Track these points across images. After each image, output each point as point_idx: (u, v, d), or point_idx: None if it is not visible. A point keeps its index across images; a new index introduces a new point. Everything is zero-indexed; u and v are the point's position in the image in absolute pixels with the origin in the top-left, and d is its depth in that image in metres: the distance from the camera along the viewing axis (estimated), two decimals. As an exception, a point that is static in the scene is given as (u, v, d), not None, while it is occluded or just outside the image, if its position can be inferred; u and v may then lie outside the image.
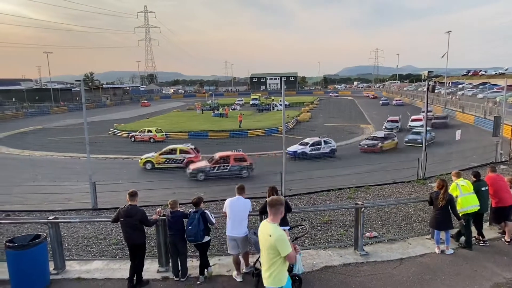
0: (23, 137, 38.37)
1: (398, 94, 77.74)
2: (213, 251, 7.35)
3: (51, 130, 43.12)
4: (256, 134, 36.12)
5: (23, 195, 14.70)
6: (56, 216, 7.08)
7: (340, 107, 66.31)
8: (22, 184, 17.96)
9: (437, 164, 16.23)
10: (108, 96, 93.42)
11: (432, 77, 14.31)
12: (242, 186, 6.28)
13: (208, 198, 10.90)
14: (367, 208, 8.24)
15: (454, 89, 65.46)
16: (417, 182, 13.26)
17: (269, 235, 3.76)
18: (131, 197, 6.01)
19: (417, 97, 61.83)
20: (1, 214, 10.12)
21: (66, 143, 32.99)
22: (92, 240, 8.51)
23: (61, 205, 12.35)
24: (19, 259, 5.83)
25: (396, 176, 14.33)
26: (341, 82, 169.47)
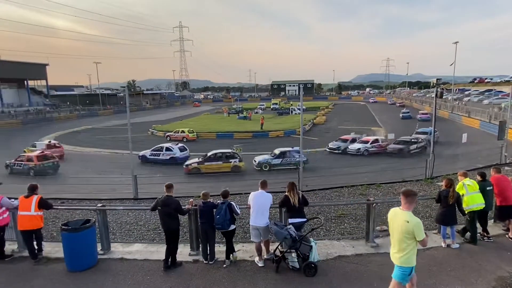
0: (76, 135, 39.89)
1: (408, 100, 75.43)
2: (238, 238, 7.37)
3: (99, 130, 44.58)
4: (276, 135, 36.05)
5: (75, 185, 15.26)
6: (103, 204, 7.29)
7: (353, 111, 65.08)
8: (75, 175, 18.68)
9: (444, 164, 15.69)
10: (147, 100, 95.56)
11: (440, 84, 13.79)
12: (265, 181, 6.28)
13: (233, 191, 10.96)
14: (378, 204, 8.05)
15: (461, 95, 62.94)
16: (425, 181, 12.84)
17: (406, 221, 4.00)
18: (168, 189, 6.12)
19: (426, 102, 59.86)
20: (57, 201, 10.52)
21: (111, 141, 34.02)
22: (133, 225, 8.73)
23: (107, 195, 12.73)
24: (72, 240, 6.05)
25: (405, 175, 13.93)
26: (354, 89, 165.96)
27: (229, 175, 18.84)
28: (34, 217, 6.35)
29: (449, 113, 44.66)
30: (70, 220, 6.85)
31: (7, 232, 6.83)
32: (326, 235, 7.71)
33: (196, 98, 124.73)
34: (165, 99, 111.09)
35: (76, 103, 75.53)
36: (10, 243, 6.99)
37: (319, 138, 34.18)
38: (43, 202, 6.47)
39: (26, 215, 6.32)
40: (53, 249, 6.93)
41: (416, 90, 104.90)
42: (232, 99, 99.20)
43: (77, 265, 6.08)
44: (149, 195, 11.46)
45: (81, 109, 68.85)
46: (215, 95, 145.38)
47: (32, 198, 6.39)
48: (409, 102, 71.96)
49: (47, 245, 7.02)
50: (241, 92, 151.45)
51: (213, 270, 6.00)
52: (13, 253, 6.83)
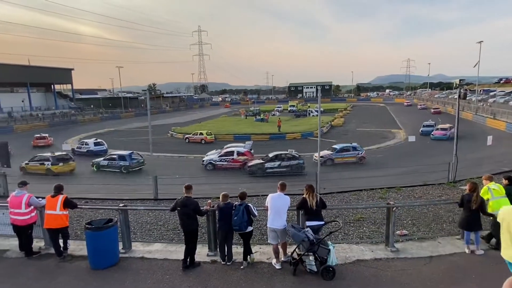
0: (99, 137, 41.02)
1: (429, 101, 73.25)
2: (255, 240, 7.37)
3: (121, 132, 45.75)
4: (293, 137, 35.80)
5: (98, 186, 15.71)
6: (125, 204, 7.47)
7: (372, 113, 63.85)
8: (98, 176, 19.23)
9: (467, 168, 15.12)
10: (167, 103, 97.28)
11: (464, 84, 13.34)
12: (284, 183, 6.24)
13: (251, 193, 10.98)
14: (398, 207, 7.86)
15: (486, 96, 60.52)
16: (448, 184, 12.43)
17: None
18: (187, 190, 6.20)
19: (448, 104, 57.95)
20: (81, 201, 10.85)
21: (133, 143, 34.82)
22: (153, 225, 8.89)
23: (128, 195, 13.03)
24: (95, 239, 6.21)
25: (427, 179, 13.51)
26: (374, 90, 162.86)
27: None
28: (59, 216, 6.57)
29: (473, 115, 43.03)
30: (93, 219, 7.05)
31: (35, 230, 7.11)
32: (345, 238, 7.59)
33: (214, 101, 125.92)
34: (184, 101, 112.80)
35: (100, 106, 77.84)
36: (37, 241, 7.26)
37: (337, 140, 33.71)
38: (68, 202, 6.68)
39: (52, 214, 6.56)
40: (77, 247, 7.15)
41: (438, 91, 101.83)
42: (250, 101, 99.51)
43: (100, 263, 6.25)
44: (169, 195, 11.65)
45: (104, 112, 70.85)
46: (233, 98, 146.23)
47: (58, 197, 6.61)
48: (431, 103, 69.85)
49: (72, 243, 7.25)
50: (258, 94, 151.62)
51: (231, 271, 6.02)
52: (40, 250, 7.10)
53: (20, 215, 6.74)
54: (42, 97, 70.68)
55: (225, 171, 20.62)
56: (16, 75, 61.36)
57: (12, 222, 6.84)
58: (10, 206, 6.79)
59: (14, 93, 63.95)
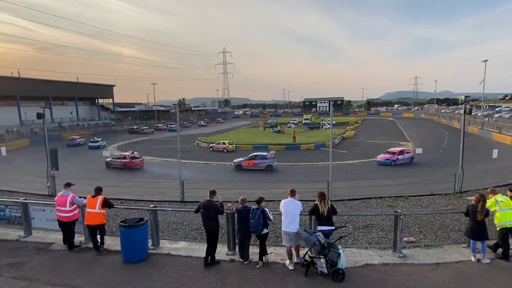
0: (135, 145, 42.26)
1: (436, 116, 70.86)
2: (270, 242, 7.29)
3: (154, 141, 46.90)
4: (307, 148, 35.50)
5: (132, 188, 16.07)
6: (154, 205, 7.61)
7: (382, 126, 62.41)
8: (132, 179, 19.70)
9: (473, 179, 14.42)
10: (194, 116, 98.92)
11: (469, 101, 12.87)
12: (293, 189, 6.17)
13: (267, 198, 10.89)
14: (406, 215, 7.58)
15: (491, 111, 57.89)
16: (454, 195, 11.89)
17: None
18: (211, 194, 6.22)
19: (454, 118, 55.82)
20: (117, 202, 11.13)
21: (164, 150, 35.59)
22: (179, 225, 8.97)
23: (158, 197, 13.25)
24: (128, 235, 6.34)
25: (434, 189, 12.98)
26: (383, 105, 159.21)
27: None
28: (97, 214, 6.77)
29: (479, 129, 41.20)
30: (127, 218, 7.20)
31: (76, 226, 7.34)
32: (354, 243, 7.37)
33: (236, 114, 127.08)
34: (209, 114, 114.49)
35: (136, 118, 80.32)
36: (78, 235, 7.50)
37: (348, 151, 33.13)
38: (106, 202, 6.88)
39: (92, 212, 6.76)
40: (112, 242, 7.31)
41: (445, 107, 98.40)
42: (268, 114, 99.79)
43: (131, 257, 6.35)
44: (194, 198, 11.75)
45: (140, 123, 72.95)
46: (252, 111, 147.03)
47: (97, 198, 6.82)
48: (437, 118, 67.56)
49: (108, 239, 7.42)
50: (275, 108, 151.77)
51: (247, 270, 5.96)
52: (80, 244, 7.31)
53: (65, 213, 6.99)
54: (87, 110, 73.87)
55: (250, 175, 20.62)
56: (66, 91, 65.01)
57: (58, 219, 7.11)
58: (57, 204, 7.06)
59: (64, 106, 67.06)
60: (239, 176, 21.84)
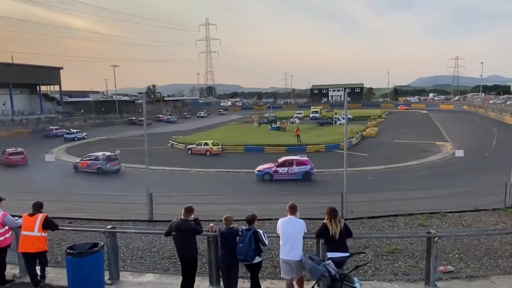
0: (89, 147, 41.92)
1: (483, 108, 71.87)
2: (266, 273, 7.27)
3: (114, 141, 46.56)
4: (315, 150, 35.40)
5: (85, 203, 15.94)
6: (113, 225, 7.53)
7: (413, 121, 63.05)
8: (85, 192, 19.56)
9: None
10: (168, 108, 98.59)
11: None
12: (293, 205, 6.13)
13: (262, 216, 10.92)
14: (442, 238, 7.63)
15: (553, 102, 58.95)
16: (504, 210, 12.04)
17: None
18: (186, 212, 6.13)
19: (506, 111, 56.68)
20: (64, 221, 11.00)
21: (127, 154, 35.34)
22: (146, 252, 8.91)
23: (119, 215, 13.14)
24: (77, 266, 6.20)
25: (478, 203, 13.14)
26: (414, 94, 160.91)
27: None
28: (37, 238, 6.67)
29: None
30: (76, 243, 7.11)
31: (8, 254, 7.22)
32: (375, 274, 7.40)
33: (223, 105, 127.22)
34: (188, 106, 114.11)
35: (91, 111, 79.68)
36: (11, 267, 7.36)
37: (369, 154, 33.37)
38: (48, 222, 6.77)
39: (29, 236, 6.65)
40: (57, 275, 7.20)
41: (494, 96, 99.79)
42: (264, 106, 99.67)
43: (82, 295, 6.27)
44: (166, 216, 11.65)
45: (96, 118, 72.43)
46: (244, 102, 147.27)
47: (36, 216, 6.70)
48: (484, 111, 68.50)
49: (51, 271, 7.30)
50: (274, 98, 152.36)
51: (235, 311, 5.95)
52: (14, 278, 7.18)
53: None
54: (26, 100, 73.07)
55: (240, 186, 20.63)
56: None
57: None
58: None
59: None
60: (225, 187, 21.81)
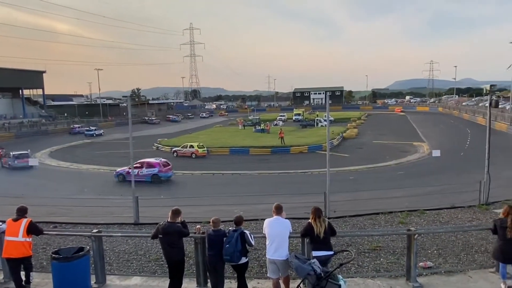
0: (73, 150, 41.11)
1: (456, 110, 73.78)
2: (252, 273, 7.25)
3: (98, 144, 45.79)
4: (299, 151, 35.84)
5: (69, 207, 15.58)
6: (99, 229, 7.39)
7: (391, 123, 64.15)
8: (69, 196, 19.12)
9: (502, 188, 15.05)
10: (153, 111, 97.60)
11: (495, 91, 13.41)
12: (279, 205, 6.14)
13: (248, 217, 10.89)
14: (421, 234, 7.76)
15: (522, 104, 60.84)
16: (479, 207, 12.34)
17: None
18: (173, 215, 6.08)
19: (479, 113, 58.29)
20: (49, 226, 10.73)
21: (112, 157, 34.81)
22: (132, 255, 8.77)
23: (104, 219, 12.91)
24: (63, 271, 6.09)
25: (455, 200, 13.44)
26: (392, 97, 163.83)
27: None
28: (21, 243, 6.48)
29: (508, 126, 43.25)
30: (62, 247, 6.95)
31: (-8, 260, 7.00)
32: (358, 271, 7.47)
33: (207, 108, 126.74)
34: (172, 109, 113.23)
35: (75, 114, 78.17)
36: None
37: (350, 155, 33.78)
38: (33, 227, 6.60)
39: (13, 241, 6.45)
40: (42, 280, 7.03)
41: (467, 98, 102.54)
42: (248, 109, 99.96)
43: (68, 300, 6.13)
44: (152, 219, 11.52)
45: (80, 121, 71.09)
46: (229, 105, 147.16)
47: (21, 221, 6.53)
48: (458, 112, 70.33)
49: (36, 276, 7.12)
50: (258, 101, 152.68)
51: (223, 311, 5.90)
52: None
53: (-26, 243, 6.65)
54: (8, 104, 71.13)
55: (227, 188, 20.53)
56: (-22, 78, 62.13)
57: (-35, 251, 6.75)
58: (-37, 231, 6.72)
59: (-26, 99, 64.48)
60: (213, 189, 21.68)
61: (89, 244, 6.90)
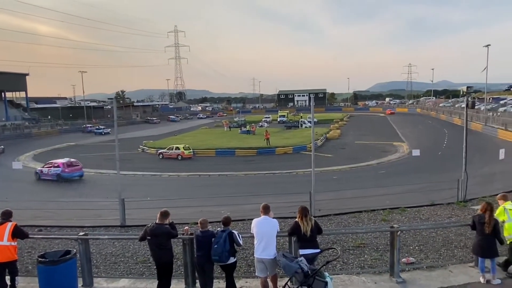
0: (57, 153, 40.17)
1: (434, 111, 75.44)
2: (240, 272, 7.24)
3: (83, 147, 44.93)
4: (284, 152, 36.01)
5: (55, 211, 15.23)
6: (85, 232, 7.25)
7: (372, 124, 65.09)
8: (54, 199, 18.68)
9: (479, 185, 15.44)
10: (138, 113, 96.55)
11: (471, 92, 13.77)
12: (266, 205, 6.16)
13: (236, 217, 10.86)
14: (403, 231, 7.89)
15: (495, 105, 62.67)
16: (458, 204, 12.63)
17: None
18: (162, 217, 6.03)
19: (455, 113, 59.70)
20: (34, 229, 10.48)
21: (97, 159, 34.19)
22: (120, 257, 8.64)
23: (90, 221, 12.68)
24: (49, 274, 5.97)
25: (434, 198, 13.71)
26: (372, 98, 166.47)
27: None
28: (6, 247, 6.30)
29: (483, 126, 44.41)
30: (48, 251, 6.82)
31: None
32: (344, 268, 7.54)
33: (193, 110, 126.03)
34: (158, 111, 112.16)
35: (59, 117, 76.58)
36: (-22, 278, 6.92)
37: (334, 155, 34.09)
38: (18, 231, 6.43)
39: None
40: (28, 284, 6.87)
41: (443, 100, 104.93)
42: (234, 111, 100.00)
43: (54, 304, 5.99)
44: (139, 221, 11.37)
45: (64, 124, 69.66)
46: (215, 107, 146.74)
47: (5, 225, 6.36)
48: (436, 113, 71.90)
49: (22, 280, 6.94)
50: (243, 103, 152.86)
51: (212, 311, 5.86)
52: (-19, 290, 6.76)
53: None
54: (-10, 107, 69.03)
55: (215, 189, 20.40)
56: (-41, 81, 60.12)
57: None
58: None
59: (-45, 101, 62.39)
60: (200, 189, 21.54)
61: (75, 247, 6.77)
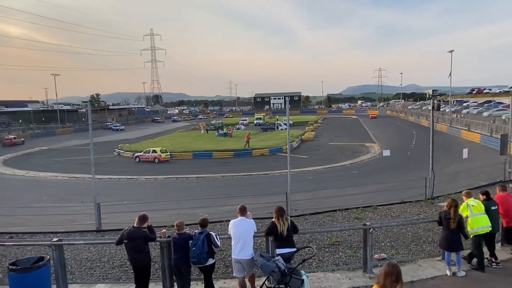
0: (29, 158, 38.68)
1: (403, 113, 77.77)
2: (218, 273, 7.19)
3: (56, 151, 43.43)
4: (260, 154, 36.18)
5: (27, 217, 14.66)
6: (60, 238, 7.00)
7: (345, 125, 66.37)
8: (26, 205, 17.96)
9: (445, 183, 16.00)
10: (113, 117, 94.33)
11: (437, 95, 14.30)
12: (243, 206, 6.18)
13: (214, 219, 10.79)
14: (376, 228, 8.07)
15: (459, 107, 65.35)
16: (425, 201, 13.05)
17: None
18: (140, 221, 5.91)
19: (422, 115, 61.77)
20: (4, 236, 10.06)
21: (71, 163, 33.15)
22: (96, 262, 8.39)
23: (65, 227, 12.28)
24: (21, 282, 5.72)
25: (404, 196, 14.13)
26: (345, 101, 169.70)
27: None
28: (-25, 256, 6.01)
29: (448, 127, 46.16)
30: (19, 258, 6.53)
31: None
32: (319, 266, 7.64)
33: (170, 113, 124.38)
34: (134, 115, 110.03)
35: (30, 121, 73.65)
36: None
37: (309, 156, 34.51)
38: (-14, 238, 6.15)
39: (-35, 255, 5.98)
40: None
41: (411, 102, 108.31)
42: (211, 113, 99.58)
43: (27, 312, 5.75)
44: (115, 225, 11.10)
45: (36, 128, 67.12)
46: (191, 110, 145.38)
47: (-27, 233, 6.07)
48: (405, 115, 74.13)
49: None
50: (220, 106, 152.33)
51: (190, 313, 5.79)
52: None
53: None
54: (-44, 111, 65.61)
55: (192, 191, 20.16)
56: None
57: None
58: None
59: None
60: (177, 192, 21.27)
61: (49, 253, 6.52)
